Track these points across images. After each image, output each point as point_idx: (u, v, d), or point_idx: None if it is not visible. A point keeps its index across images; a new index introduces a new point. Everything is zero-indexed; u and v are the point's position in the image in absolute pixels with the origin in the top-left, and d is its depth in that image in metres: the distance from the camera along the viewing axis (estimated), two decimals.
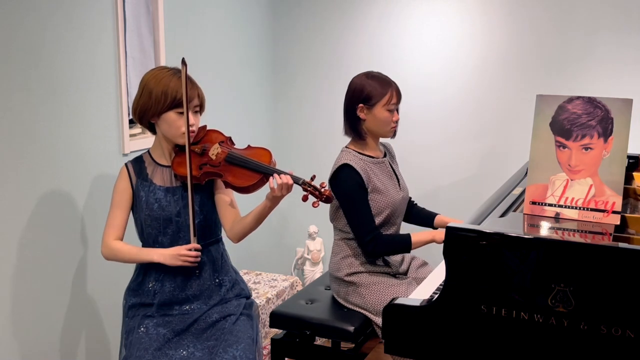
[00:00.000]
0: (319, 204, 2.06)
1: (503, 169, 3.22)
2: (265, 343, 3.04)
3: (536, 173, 1.80)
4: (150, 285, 2.16)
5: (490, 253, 1.55)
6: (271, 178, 2.06)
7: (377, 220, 2.44)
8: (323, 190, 2.06)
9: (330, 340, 2.84)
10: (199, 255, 2.12)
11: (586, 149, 1.75)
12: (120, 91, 2.61)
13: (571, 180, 1.77)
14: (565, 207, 1.77)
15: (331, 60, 3.67)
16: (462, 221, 1.69)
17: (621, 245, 1.50)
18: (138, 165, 2.19)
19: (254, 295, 3.13)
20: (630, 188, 2.07)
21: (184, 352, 2.04)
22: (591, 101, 1.74)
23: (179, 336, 2.09)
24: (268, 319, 2.84)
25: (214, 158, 2.15)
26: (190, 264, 2.11)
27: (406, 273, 2.60)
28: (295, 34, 3.74)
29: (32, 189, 2.28)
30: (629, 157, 2.34)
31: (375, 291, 2.43)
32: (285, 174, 2.05)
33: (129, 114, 2.62)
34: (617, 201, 1.72)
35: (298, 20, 3.72)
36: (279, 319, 2.50)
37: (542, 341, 1.53)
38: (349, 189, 2.40)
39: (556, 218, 1.77)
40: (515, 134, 3.29)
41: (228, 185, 2.12)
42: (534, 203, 1.81)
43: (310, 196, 2.09)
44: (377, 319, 2.40)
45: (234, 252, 2.60)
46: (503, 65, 3.30)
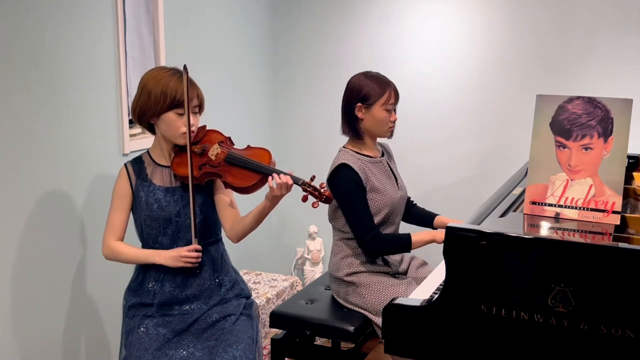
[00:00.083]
0: (318, 205, 2.05)
1: (503, 169, 3.21)
2: (265, 343, 3.04)
3: (536, 173, 1.80)
4: (150, 285, 2.16)
5: (490, 253, 1.55)
6: (270, 178, 2.06)
7: (376, 220, 2.44)
8: (323, 190, 2.06)
9: (330, 340, 2.84)
10: (199, 256, 2.12)
11: (586, 149, 1.75)
12: (120, 91, 2.61)
13: (571, 180, 1.76)
14: (565, 207, 1.77)
15: (331, 60, 3.67)
16: (462, 221, 1.69)
17: (621, 245, 1.50)
18: (137, 166, 2.19)
19: (254, 295, 3.12)
20: (630, 188, 2.07)
21: (184, 352, 2.04)
22: (591, 101, 1.74)
23: (179, 336, 2.09)
24: (268, 319, 2.83)
25: (213, 158, 2.14)
26: (192, 264, 2.12)
27: (406, 273, 2.60)
28: (295, 34, 3.74)
29: (32, 189, 2.28)
30: (629, 157, 2.34)
31: (375, 291, 2.43)
32: (285, 174, 2.05)
33: (129, 114, 2.62)
34: (617, 201, 1.72)
35: (298, 20, 3.72)
36: (279, 319, 2.50)
37: (542, 341, 1.53)
38: (347, 188, 2.40)
39: (556, 218, 1.77)
40: (515, 134, 3.29)
41: (228, 185, 2.11)
42: (534, 203, 1.81)
43: (310, 197, 2.08)
44: (377, 319, 2.40)
45: (234, 252, 2.60)
46: (503, 65, 3.30)
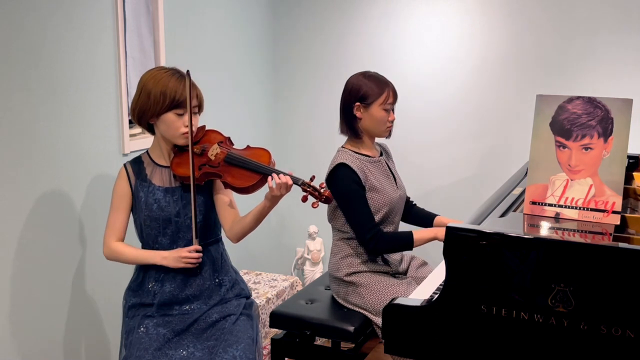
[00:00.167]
0: (318, 205, 2.05)
1: (503, 169, 3.21)
2: (265, 343, 3.04)
3: (536, 173, 1.80)
4: (150, 285, 2.16)
5: (490, 253, 1.55)
6: (270, 178, 2.05)
7: (375, 219, 2.44)
8: (322, 190, 2.05)
9: (330, 340, 2.84)
10: (200, 257, 2.12)
11: (586, 149, 1.75)
12: (120, 91, 2.61)
13: (571, 180, 1.76)
14: (565, 207, 1.77)
15: (331, 60, 3.67)
16: (462, 221, 1.69)
17: (621, 245, 1.49)
18: (137, 166, 2.19)
19: (254, 295, 3.12)
20: (630, 188, 2.07)
21: (184, 352, 2.04)
22: (591, 101, 1.74)
23: (179, 336, 2.09)
24: (268, 319, 2.84)
25: (213, 158, 2.14)
26: (192, 265, 2.12)
27: (406, 273, 2.60)
28: (295, 34, 3.74)
29: (32, 189, 2.28)
30: (629, 157, 2.34)
31: (375, 291, 2.43)
32: (284, 174, 2.05)
33: (129, 114, 2.62)
34: (617, 201, 1.72)
35: (298, 20, 3.72)
36: (279, 319, 2.50)
37: (542, 341, 1.53)
38: (347, 188, 2.40)
39: (556, 218, 1.77)
40: (515, 134, 3.29)
41: (227, 185, 2.11)
42: (534, 203, 1.81)
43: (309, 197, 2.08)
44: (377, 319, 2.39)
45: (234, 252, 2.60)
46: (503, 65, 3.30)
